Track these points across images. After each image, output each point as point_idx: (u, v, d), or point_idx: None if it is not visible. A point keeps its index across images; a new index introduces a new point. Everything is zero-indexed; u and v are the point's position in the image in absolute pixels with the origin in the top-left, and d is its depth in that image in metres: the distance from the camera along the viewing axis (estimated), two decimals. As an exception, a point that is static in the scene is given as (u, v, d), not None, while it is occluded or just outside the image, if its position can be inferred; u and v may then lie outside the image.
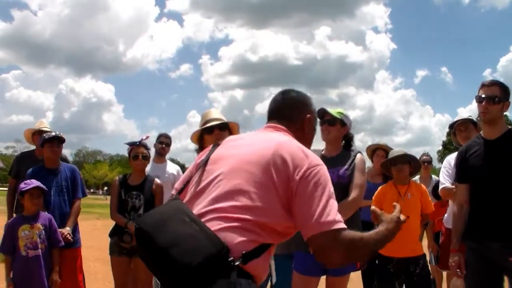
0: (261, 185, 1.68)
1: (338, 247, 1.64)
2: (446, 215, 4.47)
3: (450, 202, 4.05)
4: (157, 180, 4.43)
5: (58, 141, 4.48)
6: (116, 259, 4.26)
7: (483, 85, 3.09)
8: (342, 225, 1.66)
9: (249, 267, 1.62)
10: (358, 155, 3.45)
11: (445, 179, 4.22)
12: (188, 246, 1.53)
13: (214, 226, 1.61)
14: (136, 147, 4.40)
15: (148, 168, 5.03)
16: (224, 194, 1.69)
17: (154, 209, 1.87)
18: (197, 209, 1.70)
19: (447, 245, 4.03)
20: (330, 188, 1.72)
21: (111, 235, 4.28)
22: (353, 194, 3.27)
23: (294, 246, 3.13)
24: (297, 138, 1.92)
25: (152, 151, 4.83)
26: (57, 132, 4.53)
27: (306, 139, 2.02)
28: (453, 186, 4.06)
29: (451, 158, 4.34)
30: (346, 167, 3.35)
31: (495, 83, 3.08)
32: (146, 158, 4.41)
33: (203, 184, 1.79)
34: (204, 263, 1.50)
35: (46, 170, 4.43)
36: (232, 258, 1.56)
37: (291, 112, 2.02)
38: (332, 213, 1.65)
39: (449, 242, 4.02)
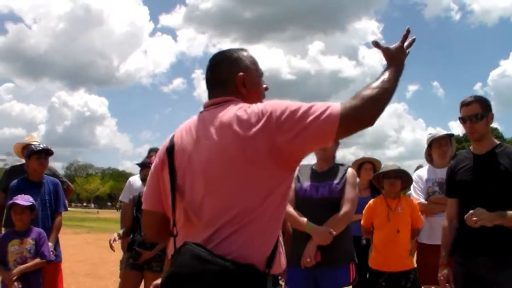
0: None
1: (358, 115, 1.57)
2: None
3: (422, 217, 4.07)
4: None
5: (46, 153, 4.46)
6: (128, 273, 4.30)
7: (463, 105, 3.10)
8: (335, 105, 1.56)
9: (275, 269, 1.62)
10: (350, 170, 3.46)
11: (418, 195, 4.23)
12: None
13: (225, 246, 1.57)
14: (145, 168, 4.40)
15: (138, 184, 5.02)
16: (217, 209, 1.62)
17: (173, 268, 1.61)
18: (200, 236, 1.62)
19: (422, 260, 4.06)
20: (291, 106, 1.59)
21: (127, 250, 4.36)
22: (345, 208, 3.27)
23: None
24: (244, 101, 1.75)
25: None
26: (45, 145, 4.50)
27: (252, 99, 1.78)
28: (426, 202, 4.15)
29: (421, 172, 4.37)
30: (337, 181, 3.36)
31: (473, 101, 3.08)
32: None
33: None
34: None
35: (30, 183, 4.40)
36: (262, 271, 1.54)
37: (221, 81, 1.83)
38: (318, 109, 1.56)
39: (424, 257, 4.06)
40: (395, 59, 1.77)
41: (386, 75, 1.69)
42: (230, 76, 1.81)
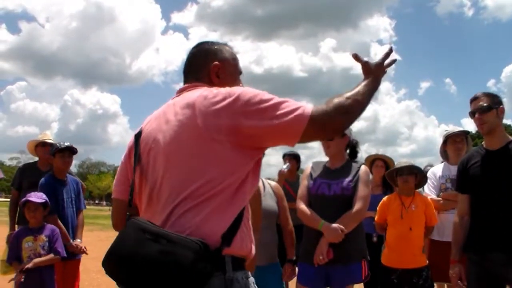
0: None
1: (326, 122, 1.53)
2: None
3: (435, 213, 4.05)
4: None
5: (70, 151, 4.51)
6: None
7: (472, 101, 3.12)
8: (308, 107, 1.52)
9: (235, 249, 1.52)
10: (363, 167, 3.44)
11: (430, 191, 4.23)
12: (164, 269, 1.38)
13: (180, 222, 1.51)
14: None
15: None
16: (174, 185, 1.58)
17: (114, 242, 1.55)
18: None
19: (433, 257, 4.04)
20: (262, 94, 1.55)
21: None
22: (357, 205, 3.26)
23: (263, 258, 3.05)
24: None
25: None
26: (69, 143, 4.54)
27: None
28: (439, 198, 4.16)
29: (436, 169, 4.36)
30: (350, 178, 3.34)
31: (481, 95, 3.09)
32: None
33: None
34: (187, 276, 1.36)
35: (57, 180, 4.46)
36: (215, 248, 1.45)
37: (196, 68, 1.82)
38: (290, 106, 1.52)
39: (435, 254, 4.04)
40: (373, 74, 1.76)
41: (361, 88, 1.66)
42: (205, 64, 1.80)
